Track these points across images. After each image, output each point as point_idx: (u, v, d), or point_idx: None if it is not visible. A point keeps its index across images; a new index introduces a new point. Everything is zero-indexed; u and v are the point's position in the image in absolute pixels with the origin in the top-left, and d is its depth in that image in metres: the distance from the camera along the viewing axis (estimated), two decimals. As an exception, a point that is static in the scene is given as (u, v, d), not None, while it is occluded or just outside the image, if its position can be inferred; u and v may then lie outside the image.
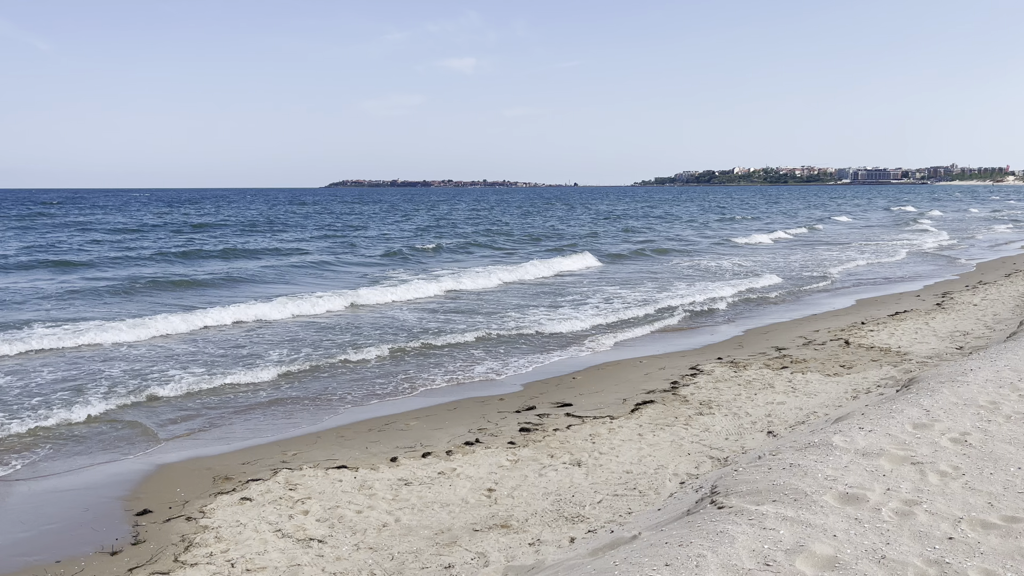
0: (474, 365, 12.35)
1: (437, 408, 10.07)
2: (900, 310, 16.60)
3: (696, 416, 9.08)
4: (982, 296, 17.32)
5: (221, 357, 12.76)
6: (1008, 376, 7.69)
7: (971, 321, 14.17)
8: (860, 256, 30.42)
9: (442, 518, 6.52)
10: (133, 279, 22.47)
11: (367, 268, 27.26)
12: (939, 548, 4.15)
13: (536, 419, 9.39)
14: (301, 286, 21.96)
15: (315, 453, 8.35)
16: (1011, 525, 4.41)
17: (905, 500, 4.75)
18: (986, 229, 46.67)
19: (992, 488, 4.93)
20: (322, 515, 6.60)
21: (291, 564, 5.76)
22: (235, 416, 9.75)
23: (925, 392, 7.24)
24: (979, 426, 6.14)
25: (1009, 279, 20.50)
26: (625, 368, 12.05)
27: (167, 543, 6.20)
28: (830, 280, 22.85)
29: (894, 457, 5.49)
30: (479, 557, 5.68)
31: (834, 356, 11.98)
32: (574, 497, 6.80)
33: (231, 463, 8.07)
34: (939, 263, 27.39)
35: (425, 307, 18.23)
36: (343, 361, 12.50)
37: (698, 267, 27.10)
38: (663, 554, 4.16)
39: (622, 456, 7.81)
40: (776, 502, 4.75)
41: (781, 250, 34.24)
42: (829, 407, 9.00)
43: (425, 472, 7.58)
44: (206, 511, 6.76)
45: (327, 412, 9.95)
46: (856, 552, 4.10)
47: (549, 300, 19.17)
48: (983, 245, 35.54)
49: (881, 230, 48.32)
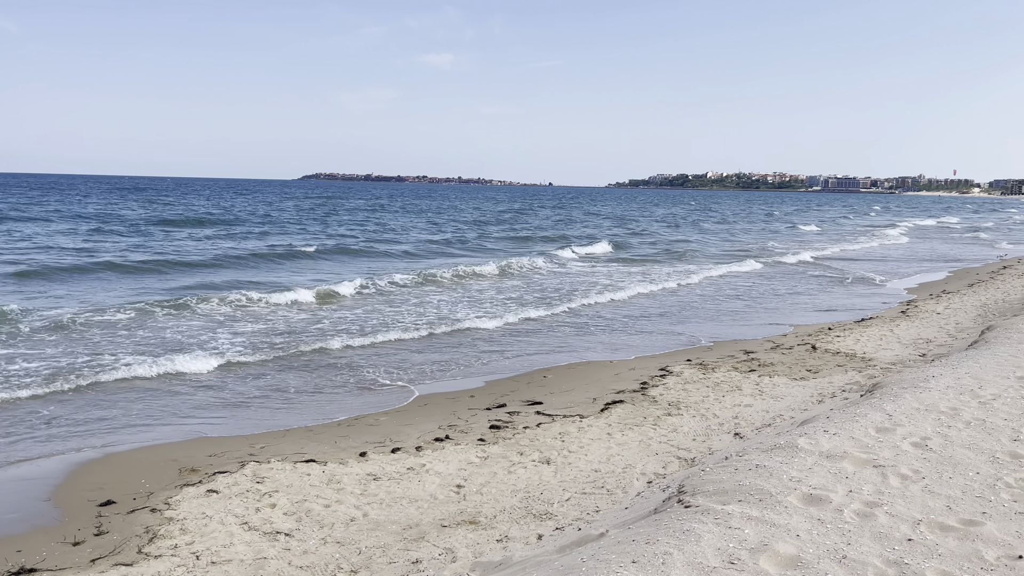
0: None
1: (408, 404, 10.05)
2: (867, 316, 16.90)
3: (664, 417, 9.16)
4: (945, 305, 17.68)
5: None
6: (969, 383, 7.86)
7: (934, 329, 14.46)
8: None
9: (410, 513, 6.52)
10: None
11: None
12: (898, 549, 4.24)
13: (506, 417, 9.41)
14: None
15: (283, 446, 8.30)
16: (968, 528, 4.52)
17: (866, 502, 4.84)
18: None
19: (951, 492, 5.05)
20: (289, 508, 6.56)
21: (257, 557, 5.72)
22: (208, 405, 9.66)
23: (888, 397, 7.38)
24: (940, 431, 6.28)
25: (972, 289, 20.94)
26: (596, 368, 12.12)
27: (131, 534, 6.13)
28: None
29: (857, 460, 5.60)
30: (447, 553, 5.69)
31: (801, 360, 12.16)
32: (543, 495, 6.84)
33: (197, 455, 7.98)
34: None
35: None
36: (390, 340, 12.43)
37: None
38: (630, 551, 4.21)
39: (591, 455, 7.86)
40: (742, 502, 4.82)
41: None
42: (795, 410, 9.14)
43: (394, 467, 7.57)
44: (171, 503, 6.69)
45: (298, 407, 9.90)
46: (818, 552, 4.18)
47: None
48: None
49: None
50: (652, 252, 34.24)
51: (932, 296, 20.07)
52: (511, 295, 19.82)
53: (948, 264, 30.51)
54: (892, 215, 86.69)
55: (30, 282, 19.48)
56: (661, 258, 31.84)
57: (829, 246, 39.52)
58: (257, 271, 23.88)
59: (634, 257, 31.83)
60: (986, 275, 25.05)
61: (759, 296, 20.83)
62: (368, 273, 23.16)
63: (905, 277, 25.87)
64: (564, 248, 32.99)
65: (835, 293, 21.62)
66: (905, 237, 48.05)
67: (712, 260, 30.98)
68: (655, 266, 28.61)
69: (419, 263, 27.55)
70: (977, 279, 23.90)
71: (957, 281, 23.98)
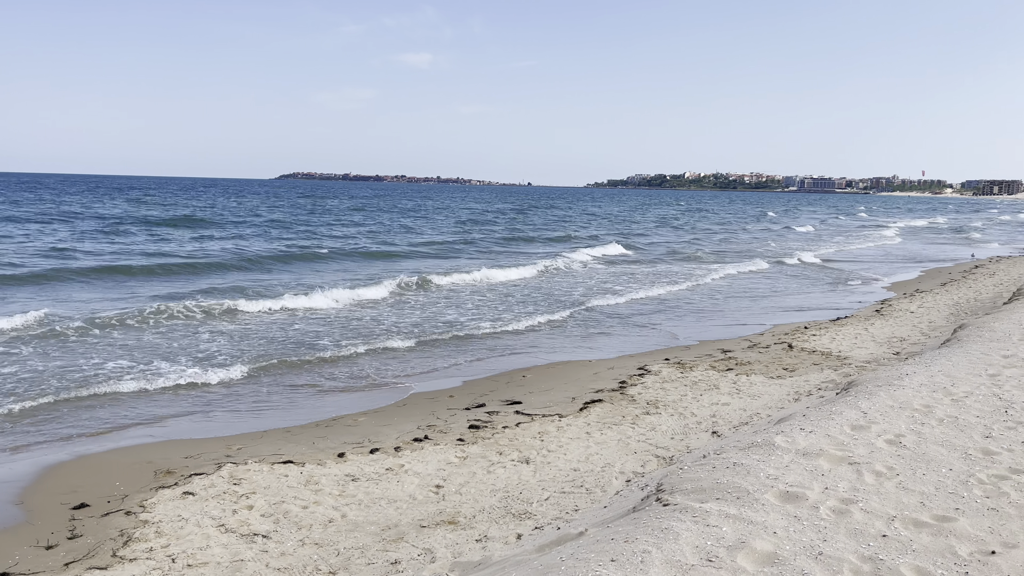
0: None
1: (387, 405, 10.01)
2: (842, 316, 17.09)
3: (643, 415, 9.20)
4: (919, 304, 17.92)
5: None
6: (942, 381, 7.97)
7: (908, 328, 14.65)
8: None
9: (389, 514, 6.50)
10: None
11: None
12: (873, 545, 4.29)
13: (486, 416, 9.40)
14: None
15: (261, 448, 8.23)
16: (942, 524, 4.58)
17: (842, 499, 4.90)
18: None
19: (924, 488, 5.12)
20: (267, 510, 6.51)
21: (234, 559, 5.67)
22: (182, 409, 9.55)
23: (863, 395, 7.47)
24: (913, 428, 6.36)
25: (945, 288, 21.25)
26: (575, 367, 12.15)
27: (105, 537, 6.05)
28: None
29: (832, 457, 5.65)
30: (426, 553, 5.67)
31: (778, 359, 12.27)
32: (522, 494, 6.84)
33: (173, 457, 7.90)
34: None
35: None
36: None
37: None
38: (609, 550, 4.22)
39: (570, 454, 7.88)
40: (719, 500, 4.85)
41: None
42: (772, 408, 9.22)
43: (373, 468, 7.54)
44: (146, 505, 6.62)
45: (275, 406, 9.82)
46: (795, 548, 4.22)
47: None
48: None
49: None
50: (662, 253, 34.46)
51: (906, 295, 20.33)
52: (551, 297, 19.87)
53: (955, 265, 30.86)
54: (883, 216, 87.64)
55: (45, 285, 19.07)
56: (677, 258, 32.12)
57: (829, 247, 39.94)
58: (291, 273, 23.75)
59: (647, 259, 32.01)
60: (958, 274, 25.43)
61: (784, 294, 21.54)
62: (391, 274, 22.73)
63: (909, 277, 26.25)
64: (577, 250, 32.99)
65: (856, 292, 21.97)
66: (899, 237, 48.87)
67: (721, 260, 31.32)
68: (673, 265, 29.21)
69: (437, 263, 27.19)
70: (950, 278, 24.25)
71: (930, 280, 24.31)
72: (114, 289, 19.00)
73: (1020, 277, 22.52)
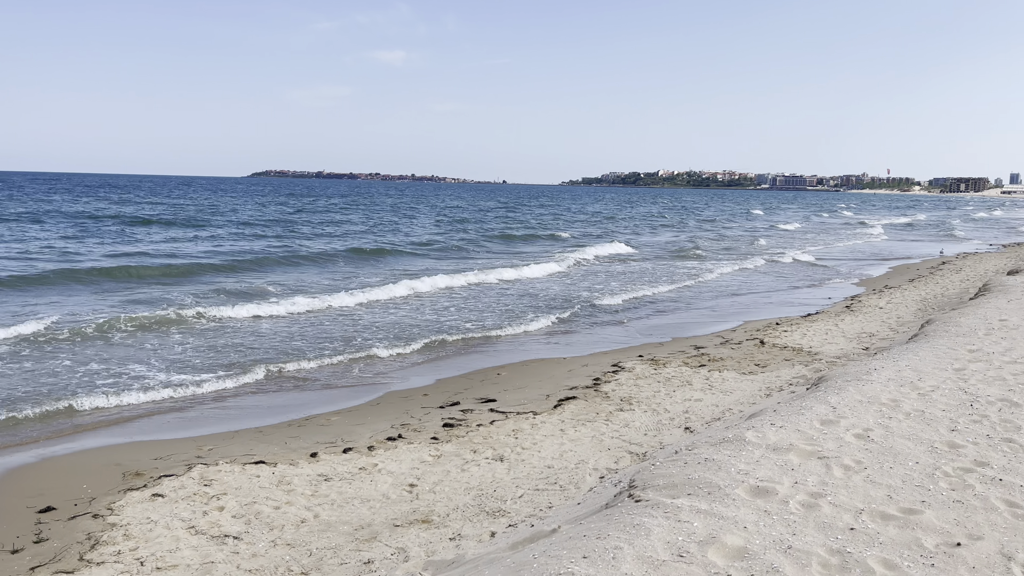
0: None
1: (361, 404, 9.96)
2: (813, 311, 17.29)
3: (617, 412, 9.24)
4: (887, 300, 18.18)
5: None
6: (909, 375, 8.10)
7: (877, 323, 14.85)
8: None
9: (362, 513, 6.46)
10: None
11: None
12: (841, 538, 4.34)
13: (460, 415, 9.39)
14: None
15: (232, 448, 8.15)
16: (908, 516, 4.65)
17: (811, 493, 4.95)
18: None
19: (891, 481, 5.19)
20: (238, 511, 6.45)
21: (204, 561, 5.61)
22: (155, 409, 9.42)
23: (833, 390, 7.56)
24: (881, 422, 6.45)
25: (913, 284, 21.58)
26: (550, 365, 12.17)
27: (72, 541, 5.95)
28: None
29: (802, 452, 5.72)
30: (399, 552, 5.65)
31: (749, 355, 12.38)
32: (496, 492, 6.84)
33: (142, 458, 7.79)
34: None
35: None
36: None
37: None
38: (581, 547, 4.23)
39: (544, 451, 7.89)
40: (691, 495, 4.89)
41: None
42: (744, 404, 9.30)
43: (346, 468, 7.49)
44: (114, 508, 6.52)
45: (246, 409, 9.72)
46: (764, 543, 4.26)
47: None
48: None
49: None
50: (662, 251, 34.57)
51: (875, 291, 20.62)
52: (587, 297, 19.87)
53: (922, 261, 31.33)
54: (866, 214, 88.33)
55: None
56: (678, 256, 32.29)
57: (820, 245, 40.21)
58: (314, 273, 23.43)
59: (651, 256, 32.17)
60: (925, 271, 25.84)
61: (786, 290, 22.04)
62: (401, 275, 22.49)
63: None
64: (582, 248, 33.09)
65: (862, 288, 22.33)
66: (885, 235, 49.59)
67: (718, 258, 31.64)
68: (676, 262, 29.58)
69: (444, 263, 26.96)
70: (918, 274, 24.64)
71: (898, 276, 24.68)
72: (82, 293, 18.65)
73: (985, 273, 22.94)
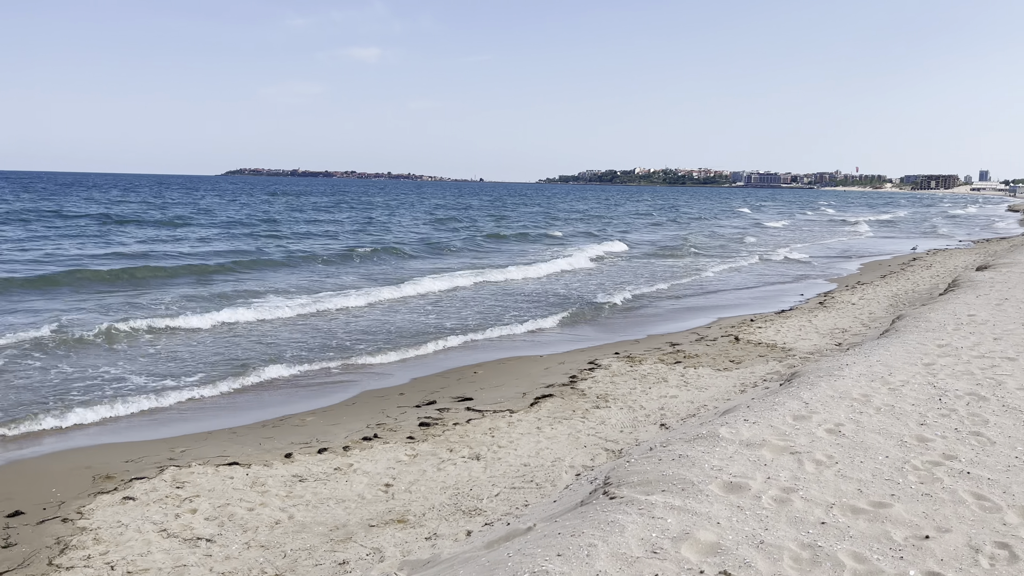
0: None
1: (336, 404, 9.90)
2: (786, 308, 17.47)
3: (593, 409, 9.27)
4: (860, 296, 18.41)
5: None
6: (879, 371, 8.20)
7: (849, 319, 15.03)
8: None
9: (337, 514, 6.43)
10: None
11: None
12: (812, 532, 4.39)
13: (436, 413, 9.37)
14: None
15: (205, 449, 8.07)
16: (878, 510, 4.71)
17: (783, 488, 5.00)
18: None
19: (862, 475, 5.26)
20: (211, 513, 6.38)
21: (176, 565, 5.55)
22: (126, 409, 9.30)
23: (805, 386, 7.64)
24: (852, 417, 6.53)
25: (885, 280, 21.86)
26: (526, 363, 12.18)
27: (41, 546, 5.86)
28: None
29: (775, 447, 5.77)
30: (374, 553, 5.63)
31: (724, 352, 12.47)
32: (472, 491, 6.83)
33: (113, 461, 7.69)
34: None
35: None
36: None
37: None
38: (556, 545, 4.24)
39: (520, 449, 7.90)
40: (665, 492, 4.92)
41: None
42: (718, 400, 9.37)
43: (321, 468, 7.45)
44: (84, 512, 6.43)
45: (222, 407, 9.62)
46: (737, 538, 4.29)
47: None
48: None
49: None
50: (659, 249, 34.73)
51: (848, 287, 20.87)
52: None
53: (893, 258, 31.75)
54: (847, 211, 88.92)
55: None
56: (676, 255, 32.40)
57: (809, 243, 40.46)
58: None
59: (651, 255, 32.33)
60: (897, 267, 26.20)
61: (786, 285, 22.48)
62: (412, 275, 22.31)
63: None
64: (582, 248, 33.07)
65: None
66: (871, 232, 50.29)
67: (712, 256, 31.99)
68: (678, 260, 30.00)
69: (443, 262, 26.72)
70: (889, 271, 24.97)
71: (870, 273, 24.99)
72: (60, 296, 18.29)
73: (955, 269, 23.30)
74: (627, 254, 32.42)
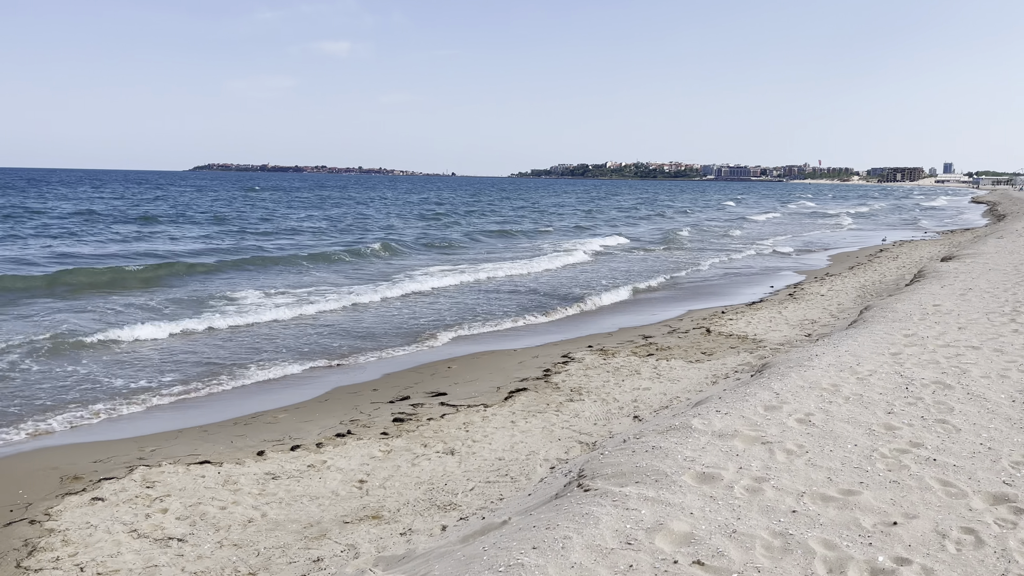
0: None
1: (308, 400, 9.83)
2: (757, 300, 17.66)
3: (567, 402, 9.31)
4: (828, 287, 18.66)
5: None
6: (848, 360, 8.33)
7: (818, 310, 15.24)
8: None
9: (311, 511, 6.39)
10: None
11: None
12: (784, 521, 4.45)
13: (410, 409, 9.34)
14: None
15: (176, 448, 7.97)
16: (847, 498, 4.79)
17: (755, 477, 5.06)
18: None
19: (831, 464, 5.34)
20: (182, 513, 6.31)
21: (147, 565, 5.48)
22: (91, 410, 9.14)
23: (776, 376, 7.73)
24: (822, 407, 6.62)
25: (852, 271, 22.19)
26: (500, 357, 12.18)
27: (8, 548, 5.75)
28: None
29: (747, 438, 5.84)
30: (349, 549, 5.61)
31: (696, 344, 12.58)
32: (447, 485, 6.83)
33: (80, 461, 7.56)
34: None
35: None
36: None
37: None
38: (531, 538, 4.25)
39: (495, 443, 7.90)
40: (639, 483, 4.95)
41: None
42: (691, 392, 9.45)
43: (294, 465, 7.39)
44: (52, 513, 6.32)
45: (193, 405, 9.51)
46: (710, 528, 4.34)
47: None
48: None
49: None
50: (655, 242, 35.03)
51: (817, 279, 21.15)
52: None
53: (860, 249, 32.34)
54: (826, 204, 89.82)
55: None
56: (672, 247, 32.91)
57: (796, 235, 40.95)
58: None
59: (651, 248, 32.60)
60: (864, 258, 26.59)
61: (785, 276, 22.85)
62: (414, 273, 22.18)
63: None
64: (590, 240, 33.53)
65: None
66: (854, 224, 51.12)
67: (706, 248, 32.46)
68: (675, 253, 30.46)
69: (442, 262, 26.36)
70: (857, 262, 25.34)
71: (839, 264, 25.35)
72: (36, 298, 17.97)
73: (921, 260, 23.71)
74: (627, 246, 32.74)
